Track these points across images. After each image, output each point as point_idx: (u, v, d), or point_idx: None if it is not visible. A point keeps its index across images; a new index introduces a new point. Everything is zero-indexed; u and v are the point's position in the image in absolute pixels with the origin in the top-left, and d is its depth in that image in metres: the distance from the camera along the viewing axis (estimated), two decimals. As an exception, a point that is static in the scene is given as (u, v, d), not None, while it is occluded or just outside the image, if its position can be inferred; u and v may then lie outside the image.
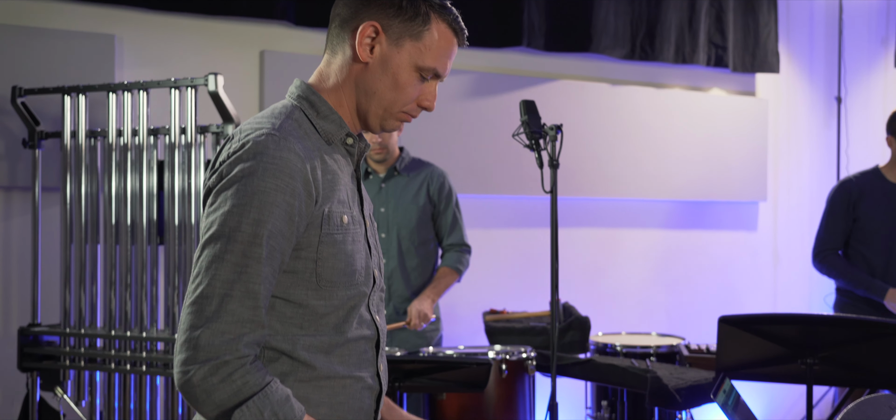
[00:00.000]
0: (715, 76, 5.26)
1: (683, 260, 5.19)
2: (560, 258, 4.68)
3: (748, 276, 5.40)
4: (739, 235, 5.43)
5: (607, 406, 3.46)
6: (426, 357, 2.94)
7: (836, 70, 5.55)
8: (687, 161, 5.09)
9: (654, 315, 4.97)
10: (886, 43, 5.52)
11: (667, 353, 3.50)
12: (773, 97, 5.49)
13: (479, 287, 4.43)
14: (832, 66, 5.59)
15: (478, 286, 4.42)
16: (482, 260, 4.49)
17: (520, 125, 2.83)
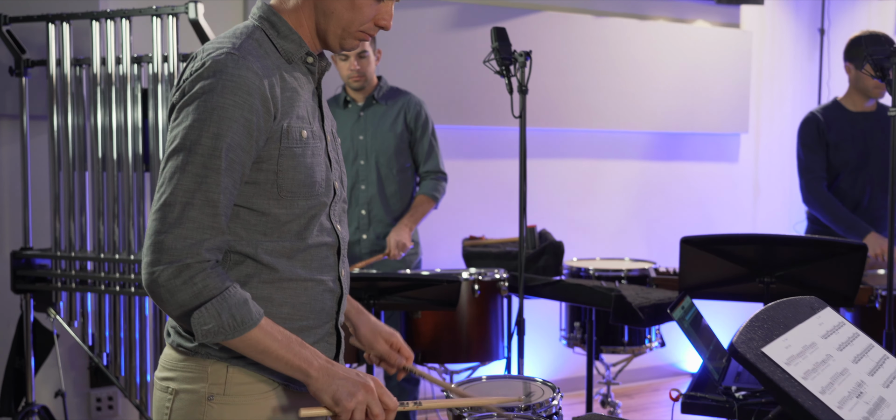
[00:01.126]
0: (699, 8, 5.30)
1: (664, 191, 5.30)
2: (542, 188, 4.82)
3: (729, 207, 5.51)
4: (721, 167, 5.53)
5: (579, 326, 3.60)
6: (399, 275, 3.06)
7: (820, 1, 5.59)
8: (670, 93, 5.16)
9: (633, 244, 5.09)
10: (870, -25, 5.55)
11: (637, 276, 3.62)
12: (758, 29, 5.53)
13: (461, 215, 4.55)
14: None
15: (459, 214, 4.54)
16: (465, 189, 4.60)
17: (491, 52, 2.90)
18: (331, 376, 1.52)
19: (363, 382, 1.53)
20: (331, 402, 1.51)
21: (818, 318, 1.67)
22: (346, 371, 1.54)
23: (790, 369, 1.39)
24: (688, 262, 2.83)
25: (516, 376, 2.29)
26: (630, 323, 2.97)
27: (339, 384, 1.52)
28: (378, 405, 1.54)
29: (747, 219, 5.56)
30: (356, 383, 1.52)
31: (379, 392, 1.54)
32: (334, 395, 1.51)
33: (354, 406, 1.51)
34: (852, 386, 1.45)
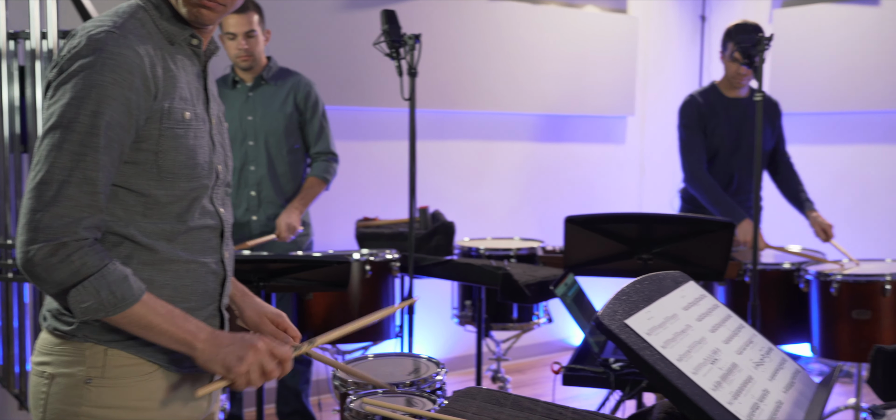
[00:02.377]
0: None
1: (554, 172, 5.45)
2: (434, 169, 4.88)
3: (616, 188, 5.71)
4: (609, 148, 5.72)
5: (470, 305, 3.68)
6: (289, 256, 3.06)
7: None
8: (559, 76, 5.29)
9: (524, 224, 5.22)
10: (747, -35, 5.81)
11: (526, 255, 3.73)
12: (644, 15, 5.73)
13: (354, 197, 4.57)
14: (697, -15, 5.88)
15: (352, 196, 4.56)
16: (358, 170, 4.62)
17: (380, 34, 2.93)
18: (218, 345, 1.52)
19: (251, 344, 1.53)
20: (222, 370, 1.52)
21: (681, 291, 1.78)
22: (232, 337, 1.55)
23: (650, 339, 1.48)
24: (572, 241, 2.94)
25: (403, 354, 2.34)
26: (517, 300, 3.07)
27: (227, 351, 1.52)
28: (271, 362, 1.54)
29: (633, 198, 5.78)
30: (244, 346, 1.53)
31: (270, 348, 1.55)
32: (224, 363, 1.51)
33: (247, 368, 1.51)
34: (708, 353, 1.56)
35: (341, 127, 4.27)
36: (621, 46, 5.56)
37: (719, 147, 3.91)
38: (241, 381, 1.52)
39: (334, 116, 3.85)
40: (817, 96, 5.10)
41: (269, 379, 1.55)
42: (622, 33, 5.57)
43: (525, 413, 1.57)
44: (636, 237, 2.91)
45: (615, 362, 2.53)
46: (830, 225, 3.79)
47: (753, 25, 3.71)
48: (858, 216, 4.91)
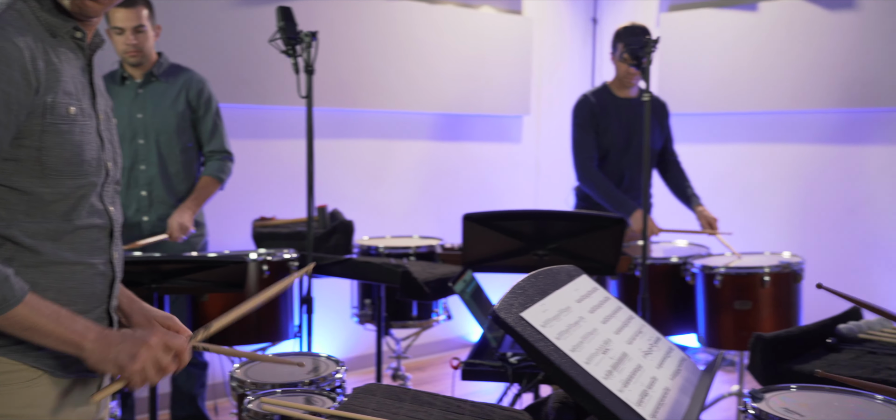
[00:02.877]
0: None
1: (452, 170, 5.50)
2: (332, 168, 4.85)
3: (512, 186, 5.81)
4: (505, 147, 5.81)
5: (370, 303, 3.68)
6: (183, 257, 2.99)
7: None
8: (456, 76, 5.35)
9: (423, 223, 5.25)
10: (636, -31, 6.00)
11: (425, 253, 3.75)
12: (538, 16, 5.85)
13: (251, 196, 4.49)
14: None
15: (249, 195, 4.48)
16: (254, 169, 4.55)
17: (276, 31, 2.90)
18: (108, 344, 1.47)
19: (143, 340, 1.49)
20: (115, 370, 1.47)
21: (574, 284, 1.83)
22: (122, 334, 1.50)
23: (545, 331, 1.52)
24: (470, 238, 2.99)
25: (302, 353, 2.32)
26: (416, 297, 3.09)
27: (118, 350, 1.47)
28: (166, 356, 1.50)
29: (530, 196, 5.89)
30: (136, 342, 1.48)
31: (164, 341, 1.51)
32: (116, 362, 1.46)
33: (141, 366, 1.47)
34: (600, 343, 1.62)
35: (237, 125, 4.19)
36: (516, 47, 5.66)
37: (611, 146, 4.03)
38: (137, 380, 1.47)
39: (229, 114, 3.77)
40: (702, 97, 5.32)
41: (166, 374, 1.51)
42: (517, 34, 5.66)
43: (425, 408, 1.58)
44: (532, 233, 2.97)
45: (512, 356, 2.58)
46: (715, 218, 3.97)
47: (641, 28, 3.85)
48: (741, 212, 5.15)
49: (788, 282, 3.37)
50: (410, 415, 1.52)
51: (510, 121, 5.81)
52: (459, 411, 1.61)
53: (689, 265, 3.54)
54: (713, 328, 3.43)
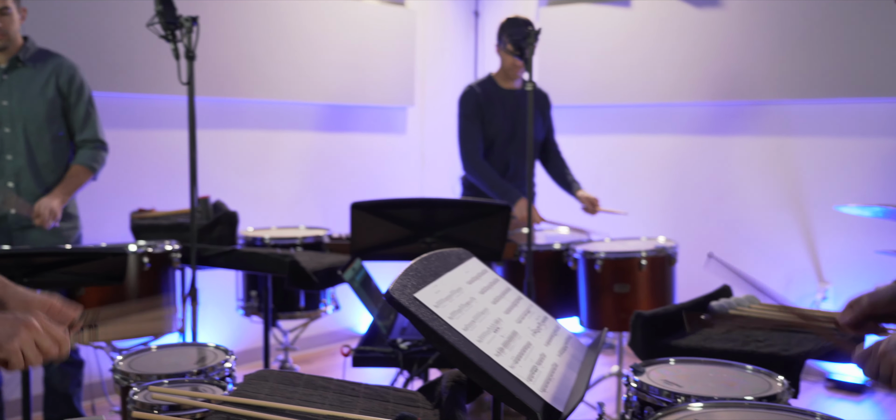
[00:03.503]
0: (367, -15, 5.52)
1: (338, 161, 5.47)
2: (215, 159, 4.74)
3: (398, 177, 5.83)
4: (390, 138, 5.82)
5: (256, 295, 3.62)
6: (58, 249, 2.86)
7: (475, -14, 6.10)
8: (341, 66, 5.32)
9: (309, 213, 5.20)
10: (516, -36, 6.12)
11: (312, 243, 3.72)
12: (421, 8, 5.88)
13: (128, 188, 4.34)
14: (471, -18, 6.12)
15: (126, 187, 4.32)
16: (131, 160, 4.39)
17: (154, 15, 2.81)
18: None
19: (24, 321, 1.43)
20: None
21: (464, 266, 1.87)
22: (2, 316, 1.43)
23: (439, 311, 1.54)
24: (358, 227, 2.98)
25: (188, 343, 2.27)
26: (305, 287, 3.06)
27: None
28: (47, 339, 1.44)
29: (415, 187, 5.93)
30: (15, 323, 1.42)
31: (45, 326, 1.45)
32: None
33: (20, 346, 1.41)
34: (491, 322, 1.65)
35: (112, 114, 4.03)
36: (400, 39, 5.67)
37: (496, 136, 4.10)
38: (15, 359, 1.41)
39: (104, 103, 3.63)
40: (580, 90, 5.49)
41: (47, 357, 1.45)
42: (401, 26, 5.68)
43: (319, 391, 1.58)
44: (420, 221, 3.00)
45: (403, 342, 2.60)
46: (596, 198, 4.11)
47: (524, 20, 3.93)
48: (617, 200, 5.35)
49: (664, 265, 3.53)
50: (305, 399, 1.52)
51: (395, 112, 5.82)
52: (354, 394, 1.62)
53: (571, 251, 3.65)
54: (595, 311, 3.56)
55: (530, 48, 3.16)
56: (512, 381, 1.48)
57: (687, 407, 1.65)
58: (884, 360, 1.41)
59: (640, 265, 3.48)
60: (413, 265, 1.67)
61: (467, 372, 1.48)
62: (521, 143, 4.09)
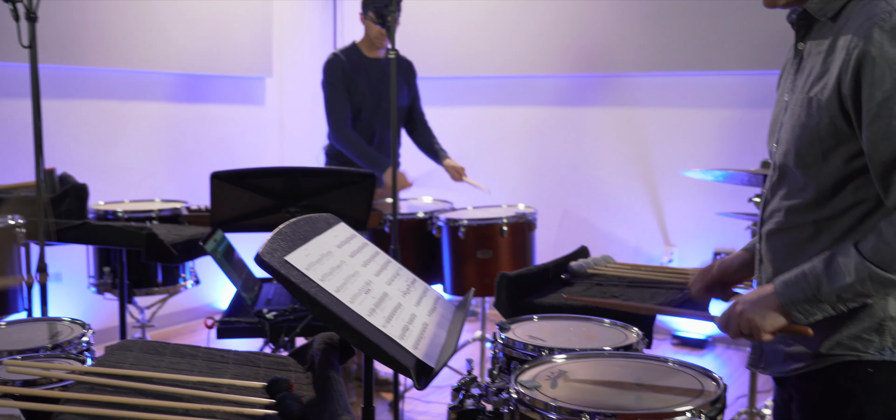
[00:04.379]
0: (222, -49, 5.35)
1: (192, 133, 5.29)
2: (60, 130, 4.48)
3: (257, 149, 5.70)
4: (248, 109, 5.68)
5: (109, 271, 3.47)
6: None
7: (334, -45, 6.02)
8: (195, 34, 5.13)
9: (163, 186, 5.01)
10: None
11: (169, 215, 3.60)
12: (277, -24, 5.76)
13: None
14: (330, -49, 6.04)
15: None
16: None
17: (-8, -26, 2.62)
18: None
19: None
20: None
21: (333, 231, 1.86)
22: None
23: (310, 273, 1.54)
24: (218, 197, 2.90)
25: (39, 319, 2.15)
26: (163, 260, 2.96)
27: None
28: None
29: (275, 158, 5.82)
30: None
31: None
32: None
33: None
34: (362, 284, 1.66)
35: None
36: (257, 7, 5.53)
37: (362, 105, 4.08)
38: None
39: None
40: (442, 62, 5.53)
41: None
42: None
43: (187, 359, 1.55)
44: (283, 191, 2.95)
45: (269, 312, 2.57)
46: (463, 167, 4.17)
47: (388, -11, 3.92)
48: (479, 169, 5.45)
49: (524, 230, 3.64)
50: (172, 366, 1.48)
51: (252, 82, 5.69)
52: (224, 360, 1.59)
53: (435, 219, 3.70)
54: (458, 277, 3.63)
55: (393, 17, 3.16)
56: (385, 339, 1.50)
57: (551, 359, 1.72)
58: (741, 318, 1.53)
59: (502, 231, 3.57)
60: (282, 229, 1.65)
61: (341, 333, 1.48)
62: (386, 112, 4.09)
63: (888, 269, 1.38)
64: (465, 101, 5.66)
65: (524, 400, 1.51)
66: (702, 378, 1.62)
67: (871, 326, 1.48)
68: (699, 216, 4.84)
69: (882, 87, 1.38)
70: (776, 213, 1.60)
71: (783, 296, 1.48)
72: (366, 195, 3.05)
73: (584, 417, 1.40)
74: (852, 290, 1.41)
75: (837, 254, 1.44)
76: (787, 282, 1.49)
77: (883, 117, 1.38)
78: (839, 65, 1.44)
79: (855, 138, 1.45)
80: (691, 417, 1.42)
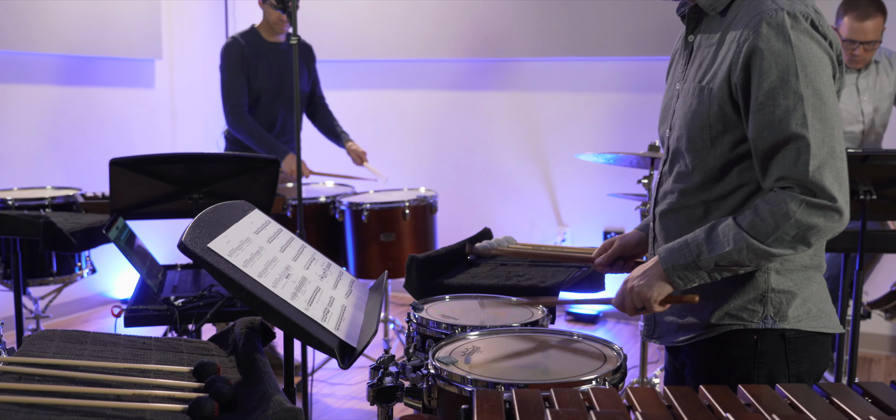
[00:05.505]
0: (108, -71, 5.18)
1: (79, 116, 5.12)
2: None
3: (148, 132, 5.57)
4: (138, 92, 5.53)
5: (2, 262, 3.36)
6: None
7: (225, -64, 5.92)
8: (80, 15, 4.96)
9: (51, 172, 4.84)
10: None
11: (63, 203, 3.51)
12: (166, -44, 5.62)
13: None
14: (221, -68, 5.94)
15: None
16: None
17: None
18: None
19: None
20: None
21: (249, 217, 1.90)
22: None
23: (233, 259, 1.58)
24: (118, 184, 2.86)
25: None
26: (62, 249, 2.90)
27: None
28: None
29: (167, 143, 5.70)
30: None
31: None
32: None
33: None
34: (282, 269, 1.71)
35: None
36: (145, -13, 5.39)
37: (262, 90, 4.04)
38: None
39: None
40: (338, 45, 5.54)
41: None
42: (145, -26, 5.40)
43: (109, 347, 1.56)
44: (184, 177, 2.93)
45: (176, 299, 2.57)
46: (364, 151, 4.22)
47: (287, -27, 3.91)
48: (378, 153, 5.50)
49: (426, 213, 3.73)
50: (96, 354, 1.49)
51: (141, 64, 5.54)
52: (146, 347, 1.61)
53: (338, 203, 3.74)
54: (362, 260, 3.68)
55: (293, 3, 3.18)
56: (308, 322, 1.56)
57: (465, 336, 1.81)
58: (633, 294, 1.65)
59: (404, 214, 3.65)
60: (201, 217, 1.68)
61: (266, 317, 1.53)
62: (287, 97, 4.09)
63: (762, 241, 1.52)
64: (361, 84, 5.69)
65: (442, 375, 1.60)
66: (604, 348, 1.75)
67: (756, 298, 1.63)
68: (591, 197, 5.06)
69: (769, 78, 1.51)
70: (669, 194, 1.72)
71: (666, 262, 1.60)
72: (269, 181, 3.06)
73: (499, 388, 1.49)
74: (729, 258, 1.54)
75: (717, 225, 1.57)
76: (670, 249, 1.62)
77: (768, 107, 1.51)
78: (730, 56, 1.56)
79: (740, 125, 1.58)
80: (596, 384, 1.53)
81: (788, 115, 1.50)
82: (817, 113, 1.50)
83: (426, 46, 5.36)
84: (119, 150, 5.22)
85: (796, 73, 1.50)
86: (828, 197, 1.50)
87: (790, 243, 1.52)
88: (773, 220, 1.51)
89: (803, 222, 1.50)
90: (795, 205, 1.50)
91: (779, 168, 1.52)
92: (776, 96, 1.51)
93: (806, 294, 1.64)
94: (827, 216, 1.51)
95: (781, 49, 1.51)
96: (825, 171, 1.50)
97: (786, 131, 1.50)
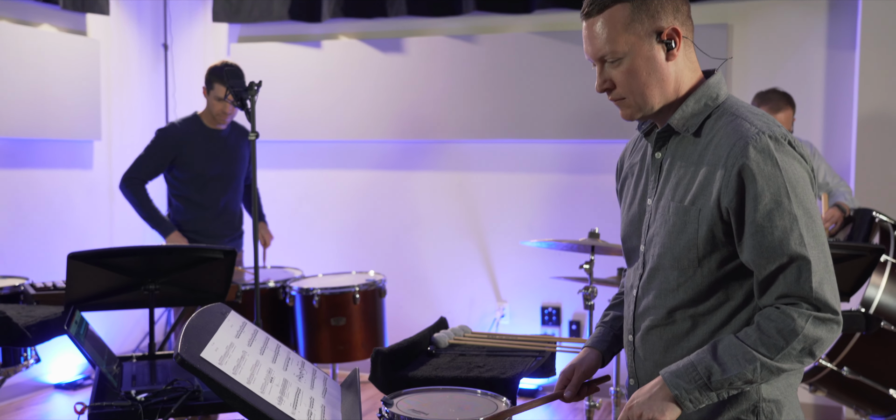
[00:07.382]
0: (45, 11, 5.19)
1: (17, 199, 5.06)
2: None
3: (86, 214, 5.52)
4: (75, 174, 5.50)
5: (-56, 355, 3.31)
6: None
7: (162, 19, 5.98)
8: (17, 98, 4.94)
9: (-14, 258, 4.77)
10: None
11: (10, 294, 3.48)
12: (105, 38, 5.64)
13: None
14: (159, 14, 6.00)
15: None
16: None
17: None
18: None
19: None
20: None
21: (228, 321, 1.98)
22: None
23: (223, 367, 1.66)
24: (75, 277, 2.89)
25: None
26: (17, 343, 2.90)
27: None
28: None
29: (104, 224, 5.66)
30: None
31: None
32: None
33: None
34: (265, 373, 1.80)
35: None
36: (83, 69, 5.40)
37: (202, 173, 4.13)
38: None
39: None
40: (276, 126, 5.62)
41: None
42: (83, 55, 5.41)
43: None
44: (141, 269, 2.98)
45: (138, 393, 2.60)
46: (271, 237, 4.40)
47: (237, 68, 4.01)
48: (315, 233, 5.59)
49: (375, 297, 3.83)
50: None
51: (80, 145, 5.52)
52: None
53: (288, 288, 3.81)
54: (312, 344, 3.75)
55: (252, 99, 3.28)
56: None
57: (438, 431, 1.92)
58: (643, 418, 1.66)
59: (355, 298, 3.74)
60: (189, 325, 1.76)
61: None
62: (231, 181, 4.17)
63: (772, 358, 1.58)
64: (299, 164, 5.79)
65: (421, 471, 1.70)
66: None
67: (748, 408, 1.68)
68: (530, 275, 5.23)
69: (763, 201, 1.57)
70: (651, 310, 1.77)
71: (675, 387, 1.62)
72: (225, 271, 3.13)
73: (478, 484, 1.60)
74: (743, 377, 1.59)
75: (719, 345, 1.62)
76: (676, 373, 1.64)
77: (766, 229, 1.58)
78: (719, 181, 1.62)
79: (728, 245, 1.64)
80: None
81: (787, 236, 1.57)
82: (811, 231, 1.58)
83: (362, 128, 5.50)
84: (56, 232, 5.19)
85: (788, 195, 1.57)
86: (831, 310, 1.58)
87: (797, 357, 1.58)
88: (782, 337, 1.57)
89: (810, 336, 1.57)
90: (803, 320, 1.56)
91: (780, 286, 1.59)
92: (773, 218, 1.57)
93: (792, 403, 1.72)
94: (829, 328, 1.59)
95: (771, 172, 1.57)
96: (825, 286, 1.58)
97: (787, 251, 1.57)
